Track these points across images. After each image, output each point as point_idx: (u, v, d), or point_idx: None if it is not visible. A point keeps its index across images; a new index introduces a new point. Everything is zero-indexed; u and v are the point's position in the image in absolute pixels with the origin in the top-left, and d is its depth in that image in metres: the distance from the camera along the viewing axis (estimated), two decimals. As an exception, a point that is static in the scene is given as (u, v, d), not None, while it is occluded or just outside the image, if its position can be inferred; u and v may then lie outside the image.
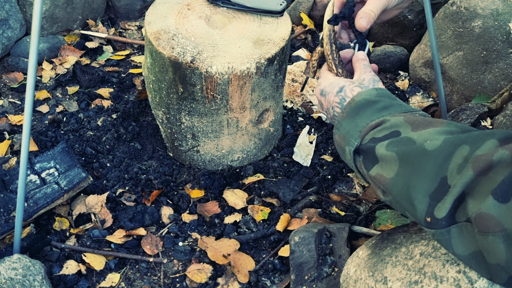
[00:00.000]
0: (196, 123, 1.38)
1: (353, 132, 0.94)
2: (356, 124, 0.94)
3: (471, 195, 0.71)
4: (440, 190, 0.74)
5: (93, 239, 1.31)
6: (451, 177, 0.73)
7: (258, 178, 1.48)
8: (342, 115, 0.99)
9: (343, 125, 0.97)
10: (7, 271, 1.09)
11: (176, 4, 1.39)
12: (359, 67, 1.06)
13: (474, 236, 0.71)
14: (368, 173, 0.90)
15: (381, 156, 0.86)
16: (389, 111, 0.93)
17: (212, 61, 1.24)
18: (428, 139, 0.79)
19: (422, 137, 0.81)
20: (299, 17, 2.13)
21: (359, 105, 0.97)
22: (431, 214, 0.75)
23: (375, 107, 0.95)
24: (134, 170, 1.48)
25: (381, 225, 1.36)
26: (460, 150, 0.74)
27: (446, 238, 0.75)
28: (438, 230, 0.75)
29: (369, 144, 0.90)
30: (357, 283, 0.98)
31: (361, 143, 0.92)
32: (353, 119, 0.96)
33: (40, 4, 0.97)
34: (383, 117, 0.92)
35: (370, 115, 0.94)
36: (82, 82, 1.79)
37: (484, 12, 1.62)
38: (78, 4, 1.95)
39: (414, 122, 0.86)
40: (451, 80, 1.72)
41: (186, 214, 1.39)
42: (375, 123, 0.91)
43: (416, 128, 0.85)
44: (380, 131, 0.89)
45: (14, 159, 1.47)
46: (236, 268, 1.27)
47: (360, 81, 1.02)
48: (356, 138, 0.93)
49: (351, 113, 0.97)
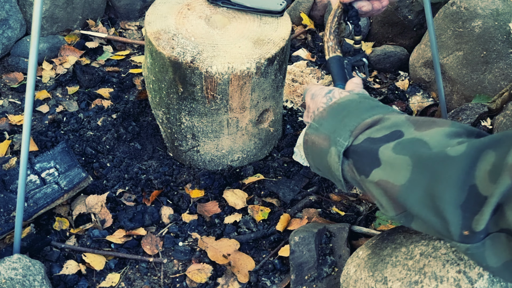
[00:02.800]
0: (196, 123, 1.38)
1: (341, 131, 0.84)
2: (344, 123, 0.85)
3: (508, 205, 0.65)
4: (471, 200, 0.67)
5: (93, 239, 1.31)
6: (482, 186, 0.67)
7: (258, 178, 1.48)
8: (321, 114, 0.90)
9: (324, 125, 0.88)
10: (7, 271, 1.09)
11: (176, 4, 1.39)
12: (351, 85, 1.02)
13: (507, 245, 0.67)
14: (366, 178, 0.80)
15: (387, 159, 0.77)
16: (378, 110, 0.86)
17: (212, 61, 1.24)
18: (446, 144, 0.72)
19: (434, 139, 0.74)
20: (299, 17, 2.13)
21: (343, 105, 0.89)
22: (469, 227, 0.68)
23: (361, 106, 0.88)
24: (134, 170, 1.48)
25: (381, 225, 1.36)
26: (485, 156, 0.68)
27: (480, 252, 0.69)
28: (474, 244, 0.69)
29: (364, 145, 0.81)
30: (357, 283, 0.98)
31: (352, 143, 0.83)
32: (338, 118, 0.87)
33: (40, 4, 0.97)
34: (380, 115, 0.84)
35: (359, 114, 0.86)
36: (82, 82, 1.79)
37: (484, 12, 1.62)
38: (78, 4, 1.95)
39: (416, 121, 0.79)
40: (451, 80, 1.72)
41: (186, 214, 1.39)
42: (371, 120, 0.83)
43: (420, 127, 0.78)
44: (378, 130, 0.81)
45: (14, 159, 1.47)
46: (236, 268, 1.27)
47: (350, 90, 0.98)
48: (346, 138, 0.83)
49: (333, 112, 0.89)
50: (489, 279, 0.79)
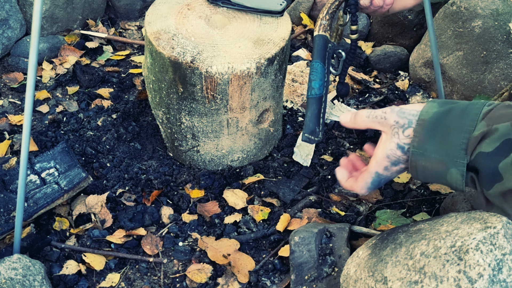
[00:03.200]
0: (196, 123, 1.38)
1: (455, 152, 0.85)
2: (452, 143, 0.86)
3: None
4: None
5: (93, 239, 1.31)
6: None
7: (258, 178, 1.48)
8: (417, 139, 0.89)
9: (429, 149, 0.88)
10: (7, 271, 1.09)
11: (176, 4, 1.39)
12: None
13: None
14: (487, 191, 0.84)
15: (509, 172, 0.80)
16: (470, 115, 0.86)
17: (212, 61, 1.24)
18: None
19: None
20: (299, 17, 2.13)
21: (434, 122, 0.88)
22: None
23: (452, 116, 0.87)
24: (134, 170, 1.48)
25: (381, 225, 1.36)
26: None
27: None
28: None
29: (481, 161, 0.83)
30: (357, 283, 0.98)
31: (469, 159, 0.85)
32: (438, 138, 0.87)
33: (40, 4, 0.97)
34: (485, 127, 0.84)
35: (459, 127, 0.86)
36: (82, 82, 1.79)
37: (484, 12, 1.62)
38: (78, 4, 1.95)
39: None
40: (451, 80, 1.72)
41: (186, 214, 1.39)
42: (479, 134, 0.84)
43: None
44: (488, 144, 0.82)
45: (14, 159, 1.47)
46: (236, 268, 1.27)
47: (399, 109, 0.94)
48: (463, 157, 0.85)
49: (428, 133, 0.88)
50: (489, 279, 0.79)
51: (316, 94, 1.09)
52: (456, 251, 0.83)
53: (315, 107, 1.09)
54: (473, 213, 0.91)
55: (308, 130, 1.08)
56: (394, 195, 1.46)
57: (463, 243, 0.83)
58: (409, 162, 0.91)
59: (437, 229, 0.92)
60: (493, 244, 0.81)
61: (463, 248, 0.82)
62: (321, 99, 1.09)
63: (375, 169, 0.94)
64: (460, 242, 0.84)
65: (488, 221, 0.85)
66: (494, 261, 0.80)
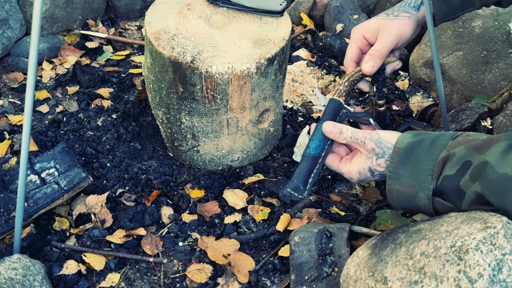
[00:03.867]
0: (196, 123, 1.38)
1: (422, 177, 0.97)
2: (420, 169, 0.97)
3: None
4: None
5: (93, 239, 1.31)
6: None
7: (258, 178, 1.48)
8: (393, 164, 1.02)
9: (402, 174, 1.00)
10: (7, 271, 1.09)
11: (176, 4, 1.39)
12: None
13: None
14: (460, 207, 0.95)
15: (469, 190, 0.91)
16: (438, 146, 0.98)
17: (212, 61, 1.24)
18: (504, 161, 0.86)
19: (495, 158, 0.87)
20: (299, 17, 2.13)
21: (408, 150, 1.00)
22: None
23: (423, 146, 0.99)
24: (134, 170, 1.48)
25: (381, 225, 1.36)
26: None
27: None
28: None
29: (446, 184, 0.94)
30: (357, 283, 0.98)
31: (436, 185, 0.96)
32: (410, 164, 0.99)
33: (40, 4, 0.97)
34: (445, 152, 0.96)
35: (427, 155, 0.98)
36: (82, 82, 1.79)
37: (484, 12, 1.62)
38: (78, 4, 1.95)
39: (476, 147, 0.92)
40: (451, 80, 1.72)
41: (186, 214, 1.39)
42: (441, 160, 0.95)
43: (481, 151, 0.91)
44: (450, 167, 0.94)
45: (14, 159, 1.47)
46: (236, 268, 1.27)
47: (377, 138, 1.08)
48: (430, 182, 0.96)
49: (402, 160, 1.00)
50: (489, 279, 0.79)
51: (310, 153, 1.13)
52: (456, 251, 0.83)
53: (305, 165, 1.13)
54: (473, 213, 0.91)
55: (291, 185, 1.13)
56: (394, 195, 1.46)
57: (463, 243, 0.83)
58: (386, 186, 1.04)
59: (437, 229, 0.92)
60: (493, 244, 0.81)
61: (463, 248, 0.82)
62: (315, 159, 1.13)
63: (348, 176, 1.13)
64: (460, 242, 0.84)
65: (488, 221, 0.86)
66: (494, 261, 0.80)
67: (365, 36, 1.25)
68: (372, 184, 1.49)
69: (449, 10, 1.27)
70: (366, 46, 1.26)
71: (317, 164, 1.13)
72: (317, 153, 1.12)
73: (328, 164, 1.16)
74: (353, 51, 1.26)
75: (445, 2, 1.25)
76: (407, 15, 1.24)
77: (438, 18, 1.28)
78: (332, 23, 2.05)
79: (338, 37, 1.99)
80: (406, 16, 1.24)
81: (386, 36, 1.20)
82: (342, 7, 2.04)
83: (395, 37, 1.21)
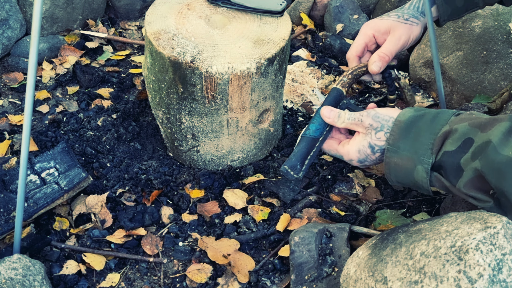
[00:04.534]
0: (196, 123, 1.38)
1: (422, 151, 0.96)
2: (421, 143, 0.96)
3: None
4: None
5: (93, 239, 1.31)
6: None
7: (258, 178, 1.48)
8: (393, 137, 1.00)
9: (402, 147, 0.99)
10: (7, 271, 1.09)
11: (176, 4, 1.39)
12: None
13: None
14: (454, 186, 0.94)
15: (469, 168, 0.90)
16: (440, 120, 0.97)
17: (212, 61, 1.24)
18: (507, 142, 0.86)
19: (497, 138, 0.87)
20: (299, 17, 2.13)
21: (409, 123, 0.99)
22: None
23: (425, 120, 0.98)
24: (134, 170, 1.48)
25: (381, 225, 1.36)
26: None
27: None
28: None
29: (445, 159, 0.94)
30: (357, 283, 0.98)
31: (435, 160, 0.95)
32: (411, 137, 0.98)
33: (40, 4, 0.97)
34: (447, 127, 0.95)
35: (428, 129, 0.97)
36: (82, 82, 1.79)
37: (484, 12, 1.62)
38: (78, 4, 1.95)
39: (479, 124, 0.92)
40: (451, 80, 1.72)
41: (186, 214, 1.39)
42: (442, 134, 0.95)
43: (484, 129, 0.90)
44: (451, 143, 0.93)
45: (14, 159, 1.47)
46: (236, 268, 1.27)
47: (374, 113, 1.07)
48: (429, 156, 0.95)
49: (403, 133, 0.99)
50: (489, 279, 0.79)
51: (310, 135, 1.14)
52: (456, 251, 0.83)
53: (304, 145, 1.14)
54: (473, 213, 0.91)
55: (289, 163, 1.13)
56: (394, 195, 1.46)
57: (463, 243, 0.83)
58: (384, 159, 1.02)
59: (437, 229, 0.92)
60: (493, 244, 0.81)
61: (463, 248, 0.83)
62: (314, 141, 1.14)
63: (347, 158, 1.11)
64: (460, 242, 0.84)
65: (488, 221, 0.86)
66: (494, 261, 0.80)
67: (374, 35, 1.27)
68: (372, 184, 1.49)
69: (453, 12, 1.29)
70: (373, 44, 1.29)
71: (314, 147, 1.13)
72: (316, 135, 1.13)
73: (327, 148, 1.16)
74: (359, 46, 1.28)
75: (449, 5, 1.27)
76: (416, 20, 1.27)
77: (443, 20, 1.30)
78: (332, 23, 2.05)
79: (338, 37, 1.99)
80: (415, 21, 1.27)
81: (395, 41, 1.24)
82: (342, 7, 2.04)
83: (404, 42, 1.25)
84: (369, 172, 1.54)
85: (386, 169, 1.03)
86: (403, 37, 1.24)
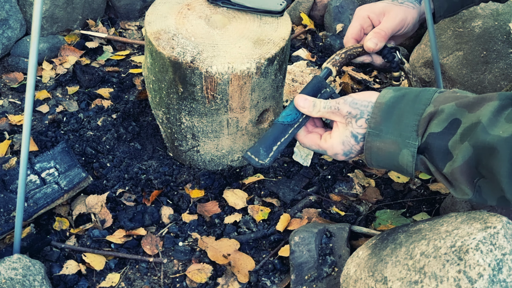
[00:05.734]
0: (196, 123, 1.38)
1: (407, 133, 0.91)
2: (405, 124, 0.91)
3: None
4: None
5: (93, 239, 1.31)
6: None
7: (258, 178, 1.48)
8: (375, 120, 0.94)
9: (384, 130, 0.93)
10: (7, 271, 1.09)
11: (176, 4, 1.39)
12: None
13: None
14: (443, 171, 0.89)
15: (458, 151, 0.85)
16: (422, 99, 0.92)
17: (212, 61, 1.24)
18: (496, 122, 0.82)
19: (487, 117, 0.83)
20: (299, 17, 2.13)
21: (390, 105, 0.94)
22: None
23: (406, 100, 0.93)
24: (134, 170, 1.48)
25: (381, 225, 1.36)
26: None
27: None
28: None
29: (432, 142, 0.88)
30: (357, 283, 0.98)
31: (421, 142, 0.90)
32: (394, 120, 0.92)
33: (40, 4, 0.97)
34: (432, 107, 0.89)
35: (411, 110, 0.91)
36: (82, 82, 1.79)
37: (484, 12, 1.62)
38: (78, 4, 1.95)
39: (467, 104, 0.87)
40: (451, 80, 1.72)
41: (186, 214, 1.39)
42: (427, 115, 0.89)
43: (472, 109, 0.85)
44: (437, 124, 0.88)
45: (14, 159, 1.47)
46: (236, 268, 1.27)
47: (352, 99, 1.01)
48: (415, 138, 0.90)
49: (385, 115, 0.94)
50: (489, 279, 0.79)
51: (279, 120, 1.07)
52: (456, 251, 0.83)
53: (271, 131, 1.07)
54: (473, 213, 0.91)
55: (251, 149, 1.07)
56: (394, 195, 1.46)
57: (463, 243, 0.83)
58: (365, 143, 0.96)
59: (437, 229, 0.92)
60: (493, 244, 0.82)
61: (463, 248, 0.83)
62: (284, 128, 1.06)
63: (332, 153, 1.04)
64: (460, 242, 0.84)
65: (488, 221, 0.86)
66: (494, 261, 0.80)
67: (369, 16, 1.23)
68: (372, 184, 1.49)
69: (450, 7, 1.27)
70: (369, 26, 1.25)
71: (286, 133, 1.06)
72: (286, 121, 1.06)
73: (307, 144, 1.08)
74: (355, 28, 1.24)
75: (445, 0, 1.25)
76: (411, 5, 1.24)
77: (439, 15, 1.27)
78: (332, 23, 2.05)
79: (338, 37, 1.99)
80: (411, 5, 1.24)
81: (391, 19, 1.20)
82: (342, 7, 2.04)
83: (400, 21, 1.20)
84: (369, 172, 1.54)
85: (367, 154, 0.97)
86: (398, 16, 1.20)
